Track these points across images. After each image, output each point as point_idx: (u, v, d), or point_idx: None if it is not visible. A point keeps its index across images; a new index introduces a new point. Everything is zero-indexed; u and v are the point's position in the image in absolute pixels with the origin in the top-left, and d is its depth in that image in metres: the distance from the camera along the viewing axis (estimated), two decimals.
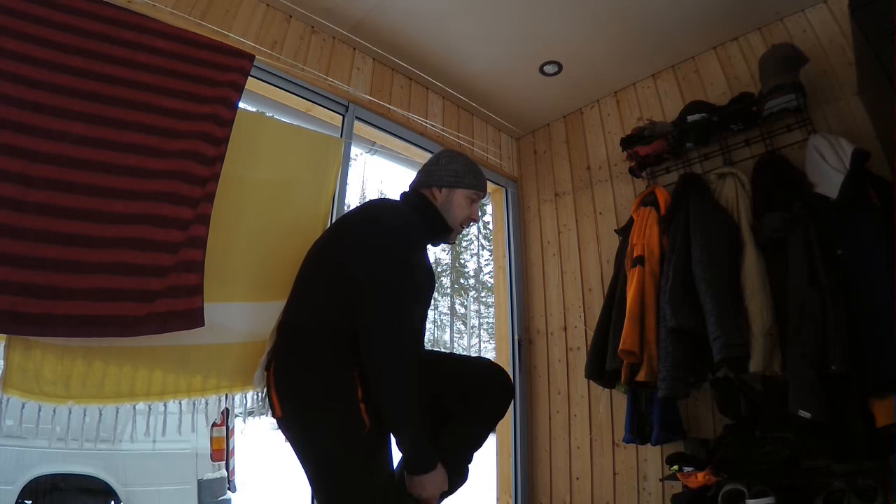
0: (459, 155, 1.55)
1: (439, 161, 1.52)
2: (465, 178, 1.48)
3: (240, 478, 3.63)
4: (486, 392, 1.39)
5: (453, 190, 1.47)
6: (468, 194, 1.48)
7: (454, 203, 1.47)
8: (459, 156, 1.55)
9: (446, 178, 1.47)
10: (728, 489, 1.72)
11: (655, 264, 2.07)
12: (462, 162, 1.52)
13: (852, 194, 1.66)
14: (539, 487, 2.69)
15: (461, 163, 1.51)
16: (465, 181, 1.48)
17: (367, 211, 1.42)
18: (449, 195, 1.47)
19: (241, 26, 2.02)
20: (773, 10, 2.27)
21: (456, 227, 1.48)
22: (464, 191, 1.47)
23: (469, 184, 1.48)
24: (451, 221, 1.46)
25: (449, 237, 1.50)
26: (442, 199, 1.47)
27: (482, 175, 1.55)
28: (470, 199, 1.49)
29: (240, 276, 1.60)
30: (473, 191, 1.49)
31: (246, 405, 1.60)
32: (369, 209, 1.43)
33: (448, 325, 30.08)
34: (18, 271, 1.15)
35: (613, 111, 2.88)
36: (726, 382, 1.93)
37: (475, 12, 2.31)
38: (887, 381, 1.44)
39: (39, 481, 2.79)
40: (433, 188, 1.48)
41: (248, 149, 1.69)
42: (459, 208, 1.47)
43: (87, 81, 1.36)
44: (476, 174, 1.52)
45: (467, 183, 1.48)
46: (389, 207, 1.44)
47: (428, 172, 1.51)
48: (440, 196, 1.47)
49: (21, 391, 1.18)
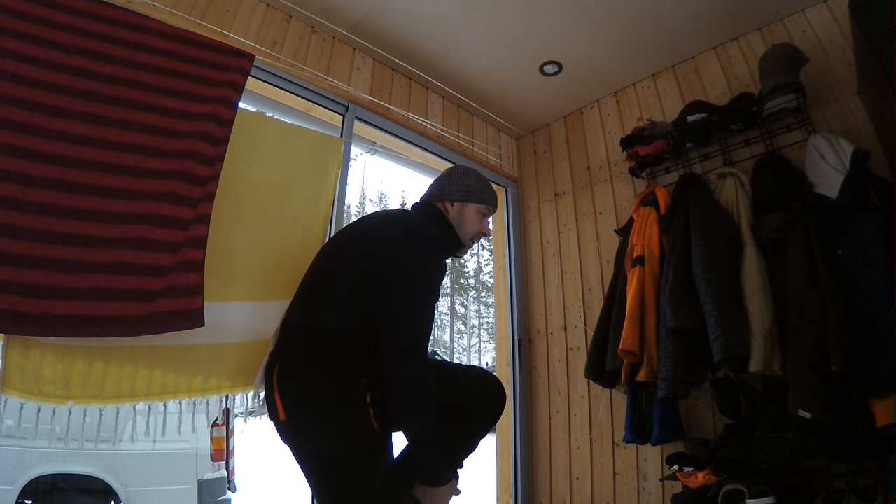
0: (472, 171, 1.59)
1: (452, 176, 1.55)
2: (478, 192, 1.51)
3: (240, 478, 3.63)
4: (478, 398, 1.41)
5: (465, 204, 1.49)
6: (480, 209, 1.51)
7: (466, 217, 1.49)
8: (472, 171, 1.58)
9: (459, 192, 1.50)
10: (728, 489, 1.72)
11: (655, 264, 2.07)
12: (474, 177, 1.55)
13: (852, 194, 1.66)
14: (539, 487, 2.69)
15: (473, 178, 1.54)
16: (478, 196, 1.50)
17: (392, 220, 1.46)
18: (461, 209, 1.49)
19: (241, 26, 2.02)
20: (773, 10, 2.27)
21: (467, 242, 1.50)
22: (476, 205, 1.50)
23: (481, 198, 1.51)
24: (462, 235, 1.48)
25: (460, 251, 1.52)
26: (454, 213, 1.49)
27: (493, 191, 1.58)
28: (481, 214, 1.52)
29: (240, 275, 1.59)
30: (485, 205, 1.52)
31: (246, 405, 1.60)
32: (393, 218, 1.47)
33: (448, 325, 30.09)
34: (18, 271, 1.15)
35: (613, 111, 2.88)
36: (726, 382, 1.93)
37: (475, 12, 2.31)
38: (887, 381, 1.44)
39: (39, 481, 2.79)
40: (446, 202, 1.50)
41: (248, 149, 1.68)
42: (471, 222, 1.49)
43: (87, 81, 1.36)
44: (488, 190, 1.54)
45: (479, 198, 1.50)
46: (414, 220, 1.44)
47: (441, 186, 1.54)
48: (452, 210, 1.49)
49: (20, 391, 1.17)
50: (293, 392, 1.20)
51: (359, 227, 1.48)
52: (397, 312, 1.20)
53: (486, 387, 1.46)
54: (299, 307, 1.32)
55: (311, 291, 1.34)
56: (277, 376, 1.22)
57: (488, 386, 1.46)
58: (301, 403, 1.19)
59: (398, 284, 1.22)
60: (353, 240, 1.41)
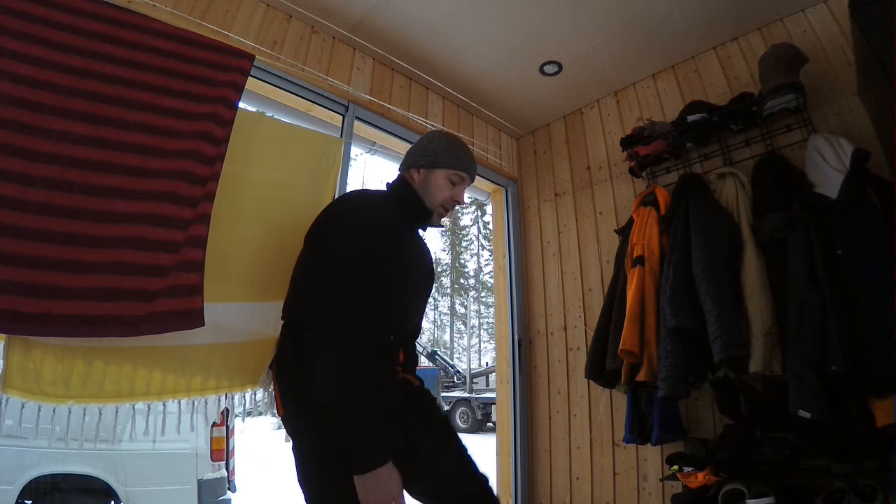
0: (444, 135, 1.46)
1: (422, 141, 1.46)
2: (444, 157, 1.39)
3: (240, 478, 3.63)
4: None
5: (431, 170, 1.40)
6: (447, 174, 1.39)
7: (432, 184, 1.39)
8: (444, 135, 1.46)
9: (424, 157, 1.41)
10: (728, 489, 1.73)
11: (655, 264, 2.07)
12: (444, 141, 1.43)
13: (852, 194, 1.66)
14: (539, 487, 2.69)
15: (443, 142, 1.42)
16: (444, 160, 1.39)
17: (335, 202, 1.40)
18: (427, 175, 1.40)
19: (241, 26, 2.02)
20: (773, 10, 2.27)
21: (436, 209, 1.39)
22: (443, 171, 1.39)
23: (448, 163, 1.39)
24: (429, 203, 1.39)
25: (431, 220, 1.42)
26: (420, 180, 1.40)
27: (467, 156, 1.44)
28: (450, 181, 1.40)
29: (240, 275, 1.60)
30: (454, 171, 1.40)
31: (245, 405, 1.60)
32: (337, 199, 1.40)
33: (448, 325, 30.09)
34: (18, 271, 1.14)
35: (613, 111, 2.88)
36: (726, 382, 1.93)
37: (475, 12, 2.31)
38: (887, 381, 1.44)
39: (39, 481, 2.80)
40: (411, 169, 1.43)
41: (248, 149, 1.68)
42: (438, 189, 1.38)
43: (87, 81, 1.36)
44: (457, 154, 1.41)
45: (445, 162, 1.39)
46: (353, 195, 1.38)
47: (409, 153, 1.46)
48: (418, 177, 1.41)
49: (21, 391, 1.18)
50: (285, 388, 1.23)
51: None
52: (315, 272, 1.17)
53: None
54: (286, 304, 1.32)
55: (290, 287, 1.32)
56: (275, 372, 1.26)
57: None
58: (292, 400, 1.21)
59: (317, 245, 1.23)
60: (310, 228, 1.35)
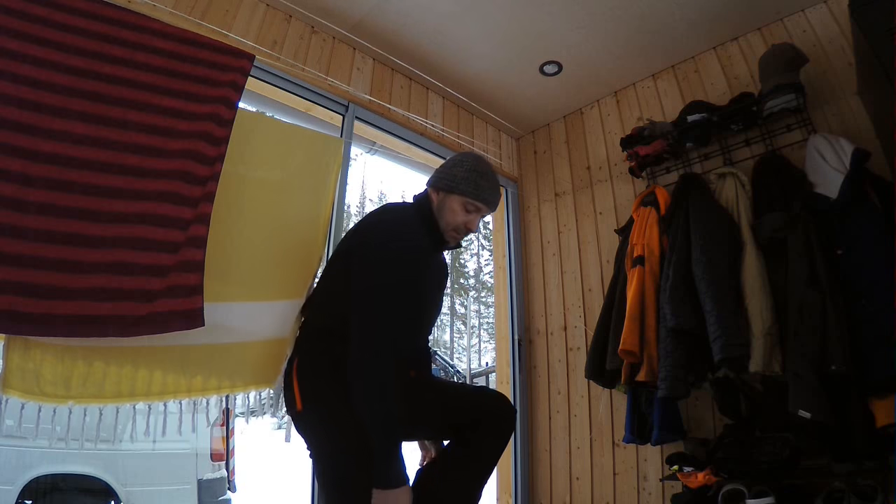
0: (472, 160, 1.46)
1: (448, 163, 1.49)
2: (462, 184, 1.39)
3: (240, 478, 3.63)
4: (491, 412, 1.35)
5: (449, 194, 1.41)
6: (463, 202, 1.40)
7: (446, 207, 1.40)
8: (470, 161, 1.45)
9: (444, 181, 1.43)
10: (728, 489, 1.72)
11: (655, 264, 2.07)
12: (467, 167, 1.42)
13: (852, 194, 1.66)
14: (539, 487, 2.69)
15: (466, 168, 1.42)
16: (461, 188, 1.39)
17: (373, 213, 1.43)
18: (444, 199, 1.41)
19: (241, 26, 2.02)
20: (773, 10, 2.27)
21: (447, 233, 1.41)
22: (459, 197, 1.40)
23: (464, 191, 1.39)
24: (441, 225, 1.41)
25: (442, 243, 1.44)
26: (437, 202, 1.43)
27: (488, 186, 1.43)
28: (465, 208, 1.40)
29: (240, 276, 1.60)
30: (469, 199, 1.40)
31: (247, 405, 1.60)
32: (375, 211, 1.44)
33: (448, 325, 30.09)
34: (18, 271, 1.15)
35: (613, 111, 2.88)
36: (726, 382, 1.92)
37: (475, 12, 2.31)
38: (887, 381, 1.44)
39: (39, 481, 2.80)
40: (432, 189, 1.46)
41: (248, 149, 1.69)
42: (451, 213, 1.40)
43: (87, 81, 1.36)
44: (478, 184, 1.40)
45: (462, 190, 1.39)
46: (391, 208, 1.43)
47: (435, 172, 1.49)
48: (437, 198, 1.43)
49: (21, 392, 1.17)
50: (309, 388, 1.24)
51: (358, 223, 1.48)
52: (356, 303, 1.20)
53: (498, 400, 1.39)
54: (311, 306, 1.38)
55: (318, 291, 1.39)
56: (297, 370, 1.27)
57: (499, 400, 1.40)
58: (315, 399, 1.23)
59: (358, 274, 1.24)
60: (345, 237, 1.44)
